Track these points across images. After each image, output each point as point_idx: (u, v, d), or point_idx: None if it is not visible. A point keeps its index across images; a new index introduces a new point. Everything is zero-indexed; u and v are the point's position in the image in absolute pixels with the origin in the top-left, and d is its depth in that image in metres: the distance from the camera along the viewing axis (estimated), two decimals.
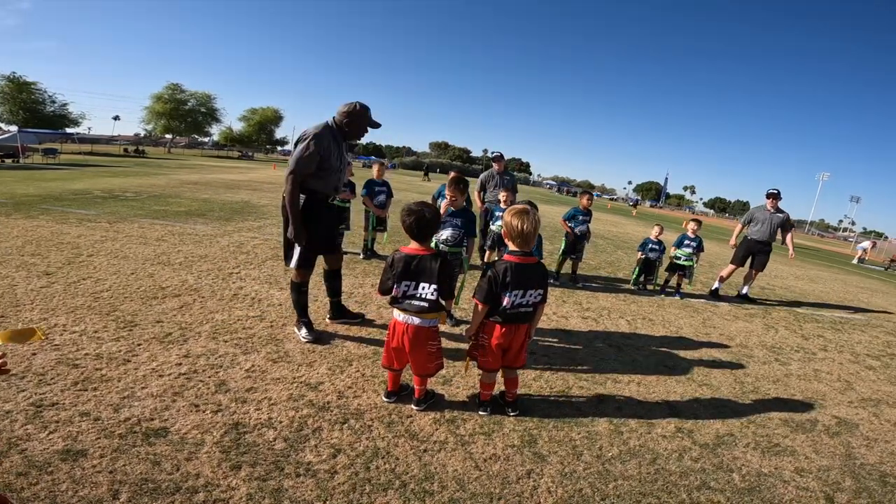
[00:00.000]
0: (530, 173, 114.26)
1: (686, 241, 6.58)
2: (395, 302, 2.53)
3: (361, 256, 6.47)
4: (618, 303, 5.85)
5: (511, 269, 2.47)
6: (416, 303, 2.49)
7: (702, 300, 6.71)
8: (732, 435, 2.91)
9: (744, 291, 7.11)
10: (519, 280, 2.49)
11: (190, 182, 14.59)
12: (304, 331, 3.47)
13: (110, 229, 6.29)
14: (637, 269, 6.77)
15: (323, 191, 3.33)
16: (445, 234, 4.00)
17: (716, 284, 7.10)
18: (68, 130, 39.17)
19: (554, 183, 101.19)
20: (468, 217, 4.11)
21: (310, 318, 3.57)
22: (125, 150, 40.58)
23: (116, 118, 54.48)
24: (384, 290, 2.56)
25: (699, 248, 6.55)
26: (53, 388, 2.39)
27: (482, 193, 6.72)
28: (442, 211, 3.86)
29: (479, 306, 2.56)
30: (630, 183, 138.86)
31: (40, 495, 1.72)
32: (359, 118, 3.33)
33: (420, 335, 2.53)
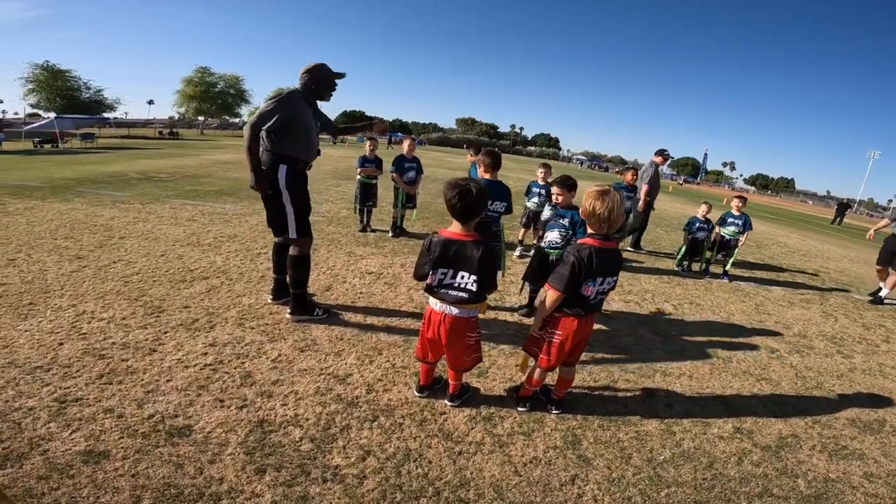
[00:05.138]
0: (559, 148, 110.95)
1: (730, 220, 6.12)
2: (430, 290, 2.31)
3: (391, 234, 6.35)
4: (661, 285, 5.51)
5: (594, 254, 2.20)
6: (454, 293, 2.25)
7: (752, 283, 6.25)
8: (796, 436, 2.68)
9: (881, 294, 6.26)
10: (603, 267, 2.23)
11: (221, 162, 14.74)
12: (318, 310, 3.44)
13: (143, 210, 6.34)
14: (683, 250, 6.35)
15: (300, 157, 3.22)
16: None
17: (884, 291, 6.26)
18: (105, 115, 40.45)
19: (584, 158, 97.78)
20: (501, 189, 3.76)
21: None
22: (160, 132, 41.57)
23: (151, 102, 55.63)
24: (419, 276, 2.34)
25: (747, 227, 6.07)
26: (78, 382, 2.34)
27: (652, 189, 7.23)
28: None
29: (554, 295, 2.26)
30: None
31: (61, 501, 1.64)
32: (321, 73, 3.28)
33: (458, 326, 2.31)
